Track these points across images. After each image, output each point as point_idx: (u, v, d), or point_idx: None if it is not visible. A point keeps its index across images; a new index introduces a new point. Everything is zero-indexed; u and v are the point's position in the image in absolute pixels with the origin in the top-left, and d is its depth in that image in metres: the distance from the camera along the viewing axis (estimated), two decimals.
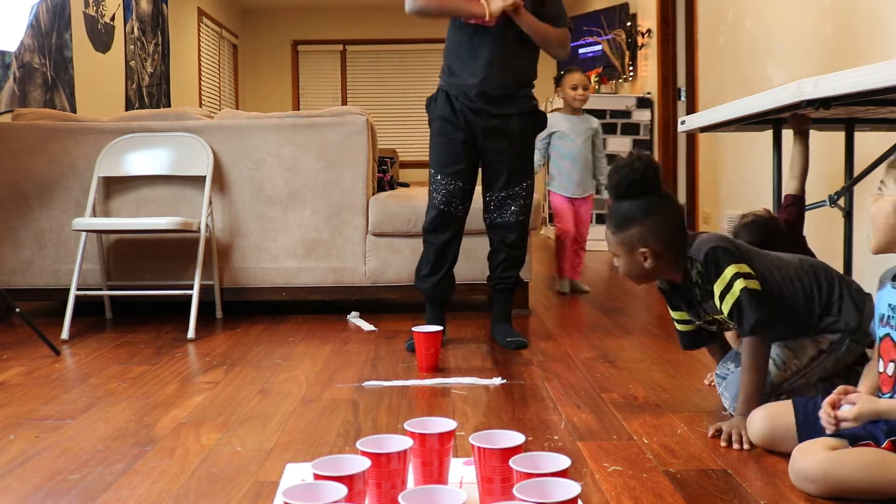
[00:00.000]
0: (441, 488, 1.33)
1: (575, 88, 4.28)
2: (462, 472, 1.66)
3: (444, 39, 2.96)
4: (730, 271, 1.89)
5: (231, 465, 1.77)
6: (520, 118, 2.93)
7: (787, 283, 1.97)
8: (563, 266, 4.31)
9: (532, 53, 2.93)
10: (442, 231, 2.93)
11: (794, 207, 2.58)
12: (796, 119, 2.54)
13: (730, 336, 2.30)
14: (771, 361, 1.97)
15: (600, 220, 6.65)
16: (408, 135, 10.16)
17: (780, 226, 2.38)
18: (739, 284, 1.88)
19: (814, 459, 1.52)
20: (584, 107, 4.36)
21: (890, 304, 1.63)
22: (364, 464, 1.39)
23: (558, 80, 4.44)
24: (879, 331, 1.66)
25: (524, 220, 3.00)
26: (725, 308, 1.91)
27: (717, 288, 1.91)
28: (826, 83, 2.02)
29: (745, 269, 1.91)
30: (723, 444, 1.84)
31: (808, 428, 1.69)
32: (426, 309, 3.03)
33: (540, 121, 3.01)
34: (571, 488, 1.30)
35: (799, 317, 1.97)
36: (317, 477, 1.36)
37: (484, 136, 2.90)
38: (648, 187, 1.93)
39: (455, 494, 1.30)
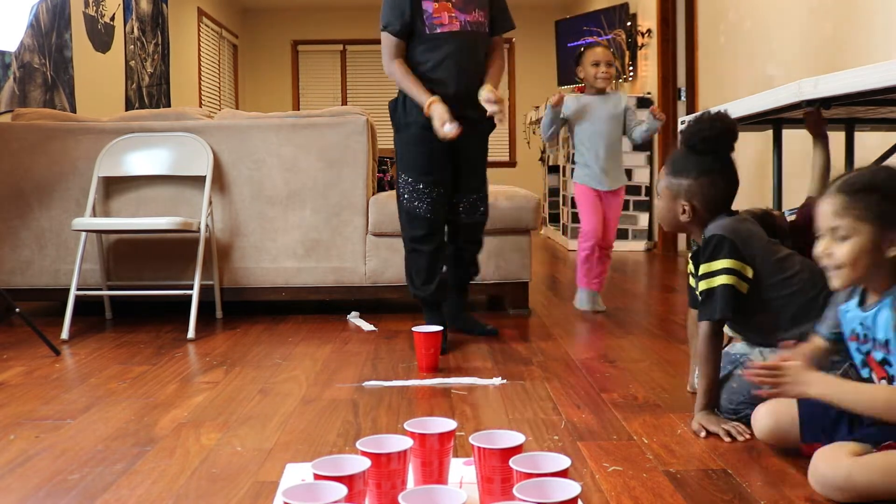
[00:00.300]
0: (441, 488, 1.33)
1: (596, 65, 3.71)
2: (462, 472, 1.66)
3: None
4: (721, 263, 1.93)
5: (231, 465, 1.77)
6: (484, 122, 2.98)
7: (789, 285, 1.96)
8: (582, 275, 3.74)
9: (485, 60, 3.01)
10: (430, 240, 2.94)
11: (808, 209, 2.54)
12: (810, 122, 2.51)
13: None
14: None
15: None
16: None
17: (778, 222, 2.35)
18: (722, 279, 1.92)
19: (836, 466, 1.49)
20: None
21: (862, 323, 1.61)
22: (364, 464, 1.39)
23: (578, 59, 3.83)
24: (855, 346, 1.65)
25: (487, 217, 3.13)
26: (700, 287, 1.96)
27: (703, 269, 1.96)
28: (826, 83, 2.02)
29: (738, 266, 1.93)
30: (727, 440, 1.85)
31: (812, 422, 1.69)
32: (425, 313, 3.02)
33: (493, 124, 3.02)
34: (571, 488, 1.30)
35: (785, 324, 1.95)
36: (317, 477, 1.36)
37: (460, 141, 2.91)
38: (717, 149, 2.01)
39: (455, 494, 1.30)
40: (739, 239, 1.95)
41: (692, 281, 2.14)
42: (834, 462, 1.50)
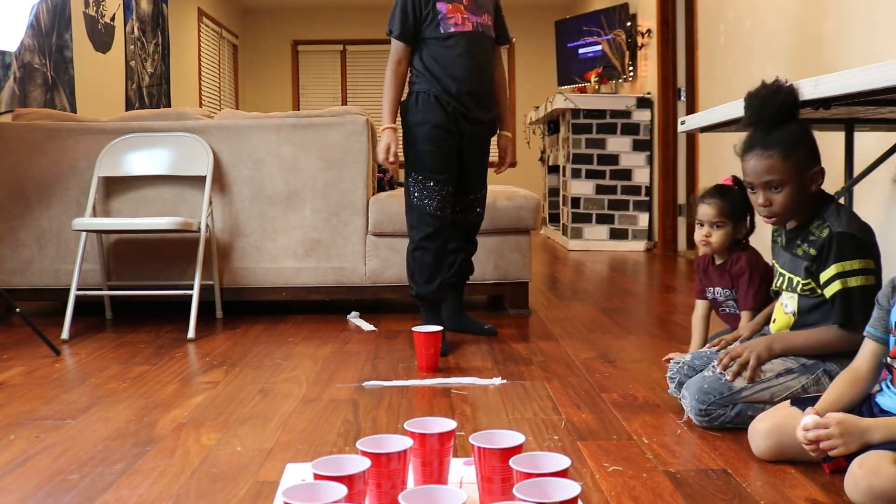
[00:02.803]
0: (441, 488, 1.33)
1: None
2: (462, 472, 1.66)
3: None
4: (858, 263, 1.84)
5: (231, 465, 1.77)
6: (490, 125, 3.10)
7: None
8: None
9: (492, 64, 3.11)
10: (437, 237, 2.95)
11: None
12: None
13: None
14: (739, 368, 1.94)
15: (613, 234, 6.65)
16: None
17: None
18: (858, 280, 1.84)
19: (887, 478, 1.42)
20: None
21: None
22: (364, 464, 1.39)
23: None
24: (894, 339, 1.62)
25: (482, 218, 3.20)
26: (830, 291, 1.87)
27: (835, 269, 1.85)
28: (826, 83, 2.01)
29: (871, 265, 1.85)
30: (722, 368, 1.90)
31: None
32: (423, 313, 3.01)
33: (495, 129, 3.16)
34: (571, 488, 1.30)
35: None
36: (317, 477, 1.36)
37: (467, 142, 3.01)
38: (797, 112, 1.92)
39: (455, 494, 1.30)
40: (867, 234, 1.86)
41: (776, 266, 2.05)
42: (880, 473, 1.42)
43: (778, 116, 1.89)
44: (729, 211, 2.35)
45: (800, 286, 1.95)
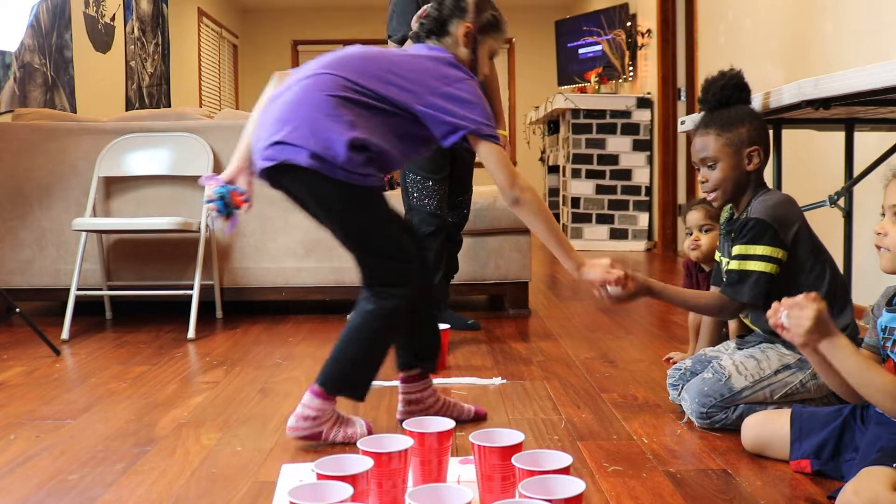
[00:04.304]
0: (448, 486, 1.33)
1: None
2: (458, 470, 1.66)
3: None
4: (760, 249, 1.89)
5: (231, 465, 1.77)
6: None
7: (817, 274, 1.92)
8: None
9: None
10: (437, 236, 2.99)
11: None
12: None
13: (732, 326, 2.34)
14: (734, 367, 1.95)
15: (613, 234, 6.65)
16: None
17: None
18: (758, 266, 1.89)
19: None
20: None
21: (887, 327, 1.56)
22: (367, 463, 1.39)
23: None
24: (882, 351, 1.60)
25: (467, 218, 3.25)
26: (732, 265, 1.94)
27: (739, 249, 1.92)
28: (826, 83, 2.02)
29: (776, 254, 1.89)
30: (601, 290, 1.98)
31: (802, 438, 1.67)
32: None
33: None
34: (577, 485, 1.29)
35: None
36: (321, 477, 1.36)
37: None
38: (746, 97, 2.00)
39: (461, 493, 1.30)
40: (780, 224, 1.90)
41: (717, 256, 2.10)
42: (879, 501, 1.29)
43: (721, 96, 2.00)
44: (717, 215, 2.35)
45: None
